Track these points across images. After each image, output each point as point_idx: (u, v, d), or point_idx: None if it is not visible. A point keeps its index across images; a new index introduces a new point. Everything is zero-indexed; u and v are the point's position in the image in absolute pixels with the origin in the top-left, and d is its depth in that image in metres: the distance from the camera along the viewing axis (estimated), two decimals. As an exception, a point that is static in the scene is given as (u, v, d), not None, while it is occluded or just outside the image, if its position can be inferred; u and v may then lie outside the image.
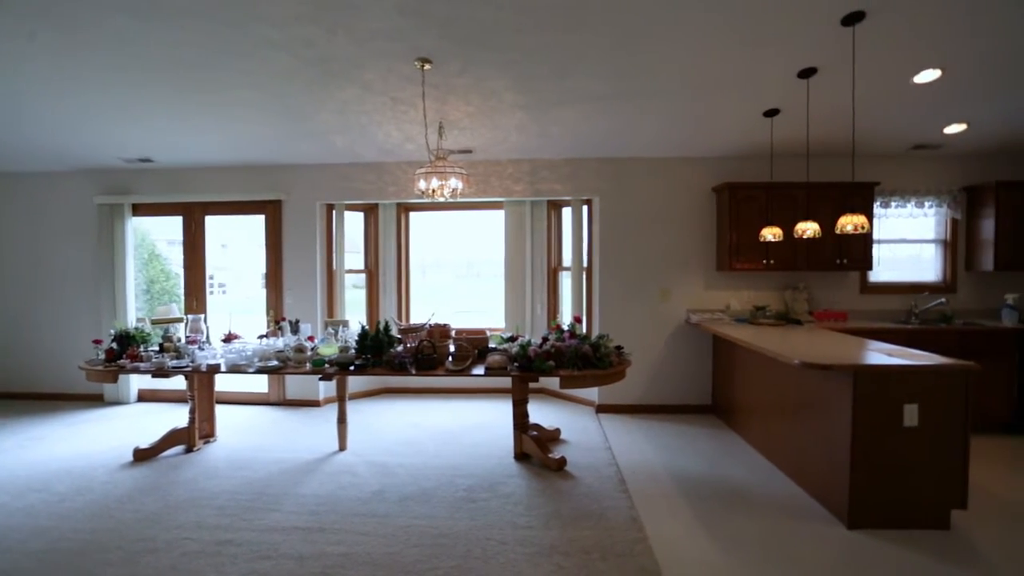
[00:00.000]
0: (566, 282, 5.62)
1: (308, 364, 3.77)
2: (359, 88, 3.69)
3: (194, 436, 4.12)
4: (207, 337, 4.46)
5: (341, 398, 4.19)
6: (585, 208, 5.38)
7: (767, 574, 2.49)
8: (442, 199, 3.63)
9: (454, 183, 3.60)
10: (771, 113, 4.08)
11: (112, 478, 3.61)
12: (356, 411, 5.14)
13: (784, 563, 2.58)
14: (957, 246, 5.05)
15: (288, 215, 5.42)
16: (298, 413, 5.16)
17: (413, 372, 3.60)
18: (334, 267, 5.64)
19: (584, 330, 5.27)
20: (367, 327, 3.95)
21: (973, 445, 4.05)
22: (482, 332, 4.16)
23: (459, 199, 4.34)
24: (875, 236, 4.91)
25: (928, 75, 3.53)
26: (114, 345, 4.01)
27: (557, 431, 4.35)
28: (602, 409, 5.12)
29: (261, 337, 4.29)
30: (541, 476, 3.58)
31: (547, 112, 4.12)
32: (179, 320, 4.80)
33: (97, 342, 4.06)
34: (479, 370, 3.60)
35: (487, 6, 2.77)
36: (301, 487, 3.44)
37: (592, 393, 5.18)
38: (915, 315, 4.84)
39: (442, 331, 4.06)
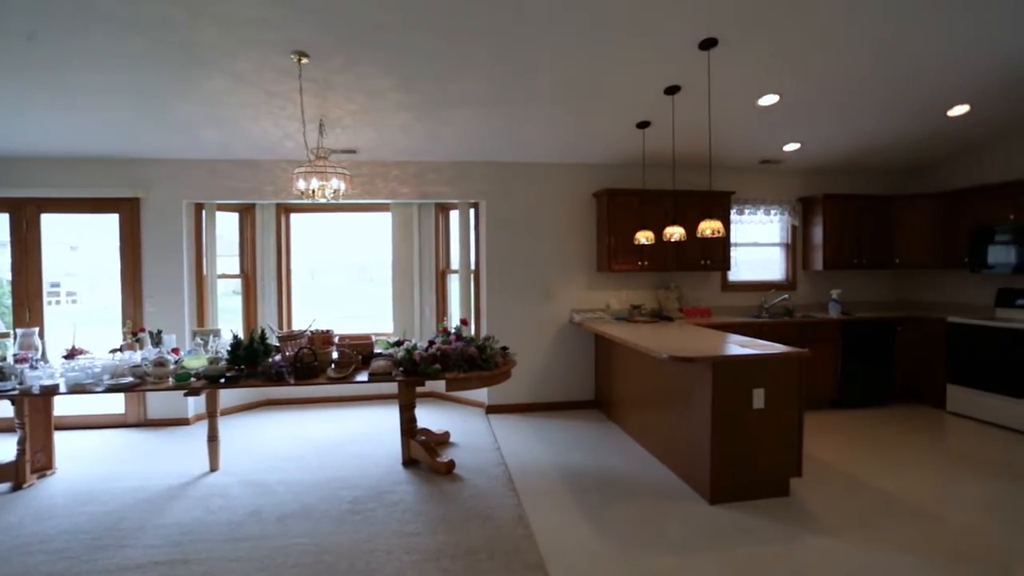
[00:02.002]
0: (454, 284, 5.63)
1: (171, 379, 3.42)
2: (230, 79, 3.43)
3: (23, 471, 3.55)
4: (42, 354, 3.88)
5: (212, 414, 3.86)
6: (472, 211, 5.44)
7: (641, 552, 2.68)
8: (323, 200, 3.49)
9: (336, 184, 3.47)
10: (643, 125, 4.40)
11: (-89, 527, 3.02)
12: (232, 427, 4.76)
13: (655, 541, 2.79)
14: (796, 249, 5.79)
15: (148, 214, 4.88)
16: (162, 434, 4.66)
17: (292, 381, 3.41)
18: (204, 272, 5.17)
19: (472, 332, 5.33)
20: (240, 336, 3.67)
21: (806, 421, 4.67)
22: (367, 337, 4.04)
23: (343, 200, 4.20)
24: (733, 240, 5.49)
25: (769, 99, 4.02)
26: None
27: (446, 434, 4.35)
28: (492, 410, 5.20)
29: (114, 351, 3.81)
30: (430, 481, 3.55)
31: (433, 114, 4.11)
32: (4, 335, 4.13)
33: None
34: (363, 376, 3.50)
35: (366, 2, 2.70)
36: (163, 516, 3.12)
37: (482, 394, 5.24)
38: (765, 310, 5.48)
39: (324, 337, 3.89)
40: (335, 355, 3.81)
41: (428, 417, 4.98)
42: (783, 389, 3.26)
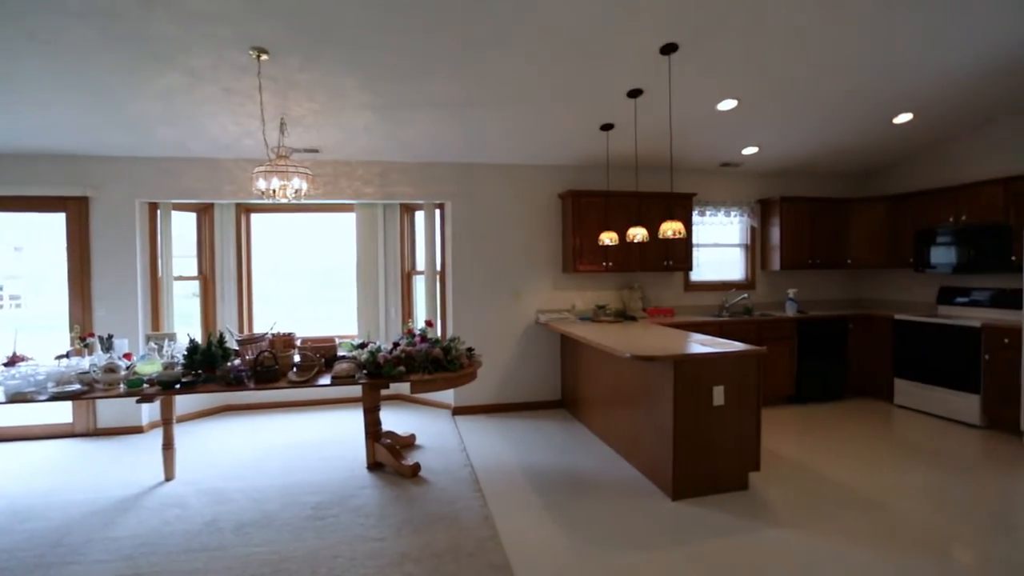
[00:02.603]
0: (420, 286, 5.59)
1: (122, 385, 3.29)
2: (185, 75, 3.32)
3: (-42, 485, 3.35)
4: (-19, 361, 3.67)
5: (167, 421, 3.72)
6: (438, 212, 5.41)
7: (605, 549, 2.71)
8: (285, 200, 3.41)
9: (298, 184, 3.40)
10: (607, 127, 4.46)
11: None
12: (190, 434, 4.61)
13: (619, 537, 2.83)
14: (755, 249, 5.97)
15: (98, 214, 4.67)
16: (114, 443, 4.47)
17: (252, 386, 3.32)
18: (160, 274, 4.99)
19: (438, 333, 5.30)
20: (197, 340, 3.56)
21: (764, 416, 4.81)
22: (331, 340, 3.97)
23: (305, 201, 4.12)
24: (695, 241, 5.62)
25: (728, 104, 4.13)
26: None
27: (412, 437, 4.32)
28: (459, 411, 5.18)
29: (60, 357, 3.64)
30: (395, 484, 3.52)
31: (398, 114, 4.07)
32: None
33: None
34: (326, 380, 3.44)
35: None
36: (113, 529, 2.99)
37: (448, 396, 5.22)
38: (725, 309, 5.63)
39: (286, 340, 3.81)
40: (297, 358, 3.74)
41: (394, 419, 4.93)
42: (742, 386, 3.36)
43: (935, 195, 5.12)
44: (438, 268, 5.43)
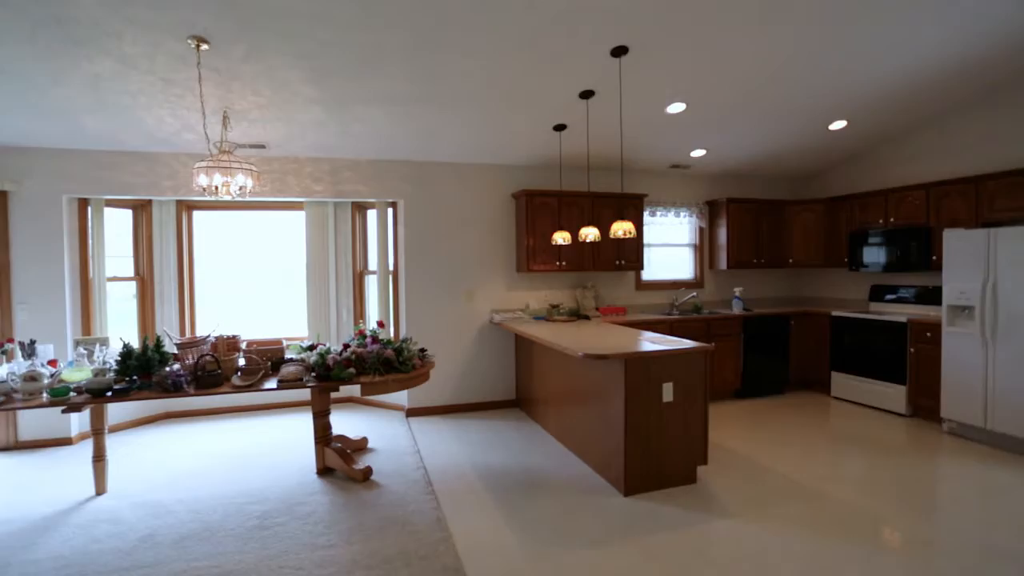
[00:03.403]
0: (373, 286, 5.48)
1: (45, 394, 3.07)
2: (116, 62, 3.13)
3: None
4: None
5: (98, 431, 3.49)
6: (391, 211, 5.32)
7: (557, 547, 2.73)
8: (229, 197, 3.28)
9: (242, 180, 3.28)
10: (560, 128, 4.50)
11: None
12: (126, 444, 4.35)
13: (572, 535, 2.86)
14: (704, 249, 6.16)
15: (19, 210, 4.34)
16: (38, 457, 4.17)
17: (191, 392, 3.17)
18: (91, 274, 4.69)
19: (391, 334, 5.22)
20: (132, 344, 3.36)
21: (712, 411, 4.97)
22: (278, 342, 3.84)
23: (251, 198, 3.95)
24: (646, 240, 5.74)
25: (677, 107, 4.24)
26: None
27: (364, 440, 4.22)
28: (412, 413, 5.11)
29: (-27, 365, 3.37)
30: (346, 489, 3.43)
31: (348, 110, 3.97)
32: None
33: None
34: (272, 384, 3.31)
35: (267, -10, 2.57)
36: (34, 550, 2.78)
37: (402, 397, 5.14)
38: (675, 307, 5.78)
39: (230, 343, 3.65)
40: (242, 362, 3.59)
41: (346, 423, 4.81)
42: (690, 383, 3.45)
43: (867, 198, 5.43)
44: (391, 268, 5.34)
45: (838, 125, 4.86)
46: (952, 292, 4.30)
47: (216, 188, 3.22)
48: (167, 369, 3.28)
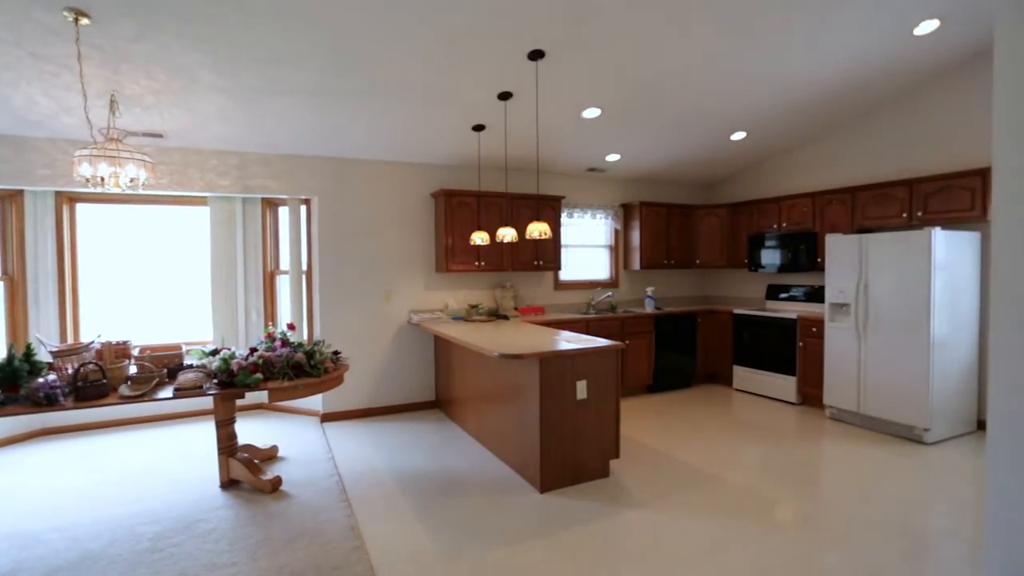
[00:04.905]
0: (284, 287, 5.23)
1: None
2: (-30, 32, 2.77)
3: None
4: None
5: (-46, 453, 3.08)
6: (304, 208, 5.10)
7: (473, 548, 2.74)
8: (118, 190, 3.00)
9: (133, 171, 3.01)
10: (479, 128, 4.51)
11: None
12: (-12, 466, 3.87)
13: (488, 534, 2.87)
14: (619, 250, 6.41)
15: None
16: None
17: (69, 405, 2.87)
18: (-55, 274, 4.12)
19: (304, 336, 5.01)
20: (-4, 353, 2.99)
21: (625, 406, 5.19)
22: (177, 347, 3.57)
23: (144, 191, 3.64)
24: (564, 241, 5.88)
25: (591, 112, 4.38)
26: None
27: (274, 448, 4.02)
28: (328, 418, 4.93)
29: None
30: (252, 502, 3.25)
31: (256, 101, 3.76)
32: None
33: None
34: (168, 393, 3.07)
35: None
36: None
37: (316, 402, 4.94)
38: (592, 306, 5.97)
39: (119, 350, 3.35)
40: (133, 369, 3.30)
41: (255, 430, 4.56)
42: (603, 380, 3.58)
43: (763, 204, 5.88)
44: (304, 268, 5.11)
45: (739, 136, 5.23)
46: (833, 291, 4.76)
47: (102, 179, 2.94)
48: (39, 380, 2.94)
